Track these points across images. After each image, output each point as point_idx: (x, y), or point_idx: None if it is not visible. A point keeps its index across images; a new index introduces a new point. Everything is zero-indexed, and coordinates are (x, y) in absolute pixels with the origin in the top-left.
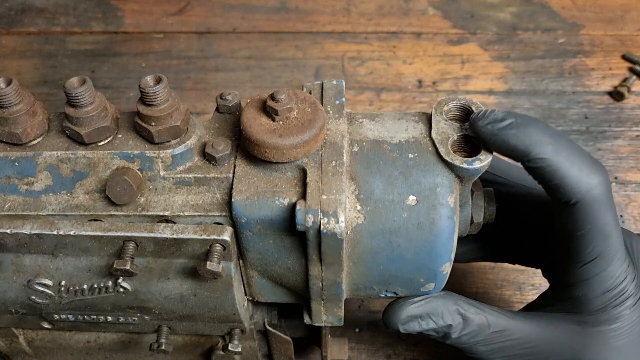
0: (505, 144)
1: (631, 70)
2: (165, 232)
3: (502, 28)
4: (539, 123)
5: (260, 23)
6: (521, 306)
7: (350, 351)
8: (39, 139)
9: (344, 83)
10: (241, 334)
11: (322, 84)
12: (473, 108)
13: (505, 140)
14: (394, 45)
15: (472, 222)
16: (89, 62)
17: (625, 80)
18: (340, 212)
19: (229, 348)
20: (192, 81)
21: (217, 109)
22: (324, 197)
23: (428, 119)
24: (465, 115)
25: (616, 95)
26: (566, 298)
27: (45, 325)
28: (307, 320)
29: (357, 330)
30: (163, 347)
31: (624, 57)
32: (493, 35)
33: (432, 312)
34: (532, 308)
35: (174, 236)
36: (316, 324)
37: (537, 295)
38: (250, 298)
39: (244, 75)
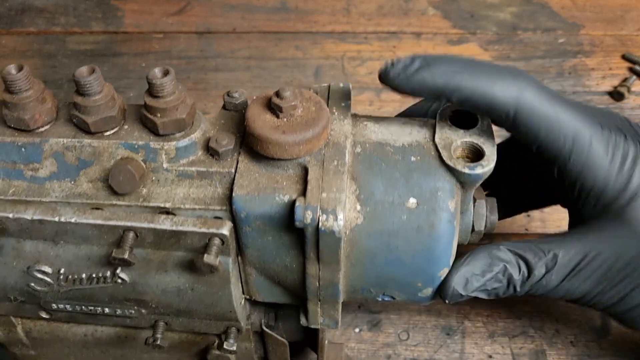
0: (423, 86)
1: (631, 70)
2: (165, 223)
3: (502, 28)
4: (449, 56)
5: (260, 23)
6: (524, 307)
7: (350, 351)
8: (46, 127)
9: (350, 86)
10: (237, 334)
11: (329, 87)
12: (478, 116)
13: (421, 82)
14: (394, 45)
15: (473, 230)
16: (89, 62)
17: (625, 80)
18: (339, 210)
19: (224, 346)
20: (192, 81)
21: (224, 106)
22: (324, 195)
23: (433, 125)
24: (471, 121)
25: (616, 95)
26: (586, 201)
27: (43, 314)
28: (303, 321)
29: (357, 330)
30: (158, 342)
31: (624, 57)
32: (493, 35)
33: (482, 259)
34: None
35: (174, 228)
36: (312, 326)
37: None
38: (248, 297)
39: (244, 75)
